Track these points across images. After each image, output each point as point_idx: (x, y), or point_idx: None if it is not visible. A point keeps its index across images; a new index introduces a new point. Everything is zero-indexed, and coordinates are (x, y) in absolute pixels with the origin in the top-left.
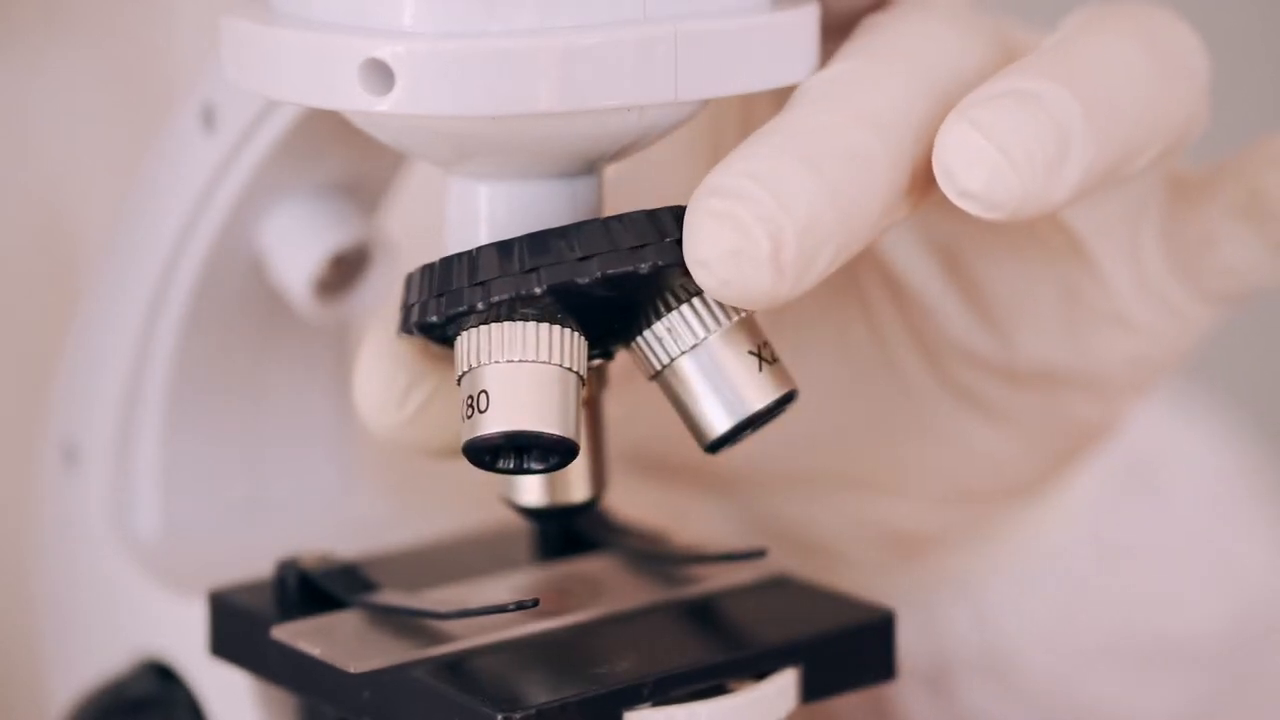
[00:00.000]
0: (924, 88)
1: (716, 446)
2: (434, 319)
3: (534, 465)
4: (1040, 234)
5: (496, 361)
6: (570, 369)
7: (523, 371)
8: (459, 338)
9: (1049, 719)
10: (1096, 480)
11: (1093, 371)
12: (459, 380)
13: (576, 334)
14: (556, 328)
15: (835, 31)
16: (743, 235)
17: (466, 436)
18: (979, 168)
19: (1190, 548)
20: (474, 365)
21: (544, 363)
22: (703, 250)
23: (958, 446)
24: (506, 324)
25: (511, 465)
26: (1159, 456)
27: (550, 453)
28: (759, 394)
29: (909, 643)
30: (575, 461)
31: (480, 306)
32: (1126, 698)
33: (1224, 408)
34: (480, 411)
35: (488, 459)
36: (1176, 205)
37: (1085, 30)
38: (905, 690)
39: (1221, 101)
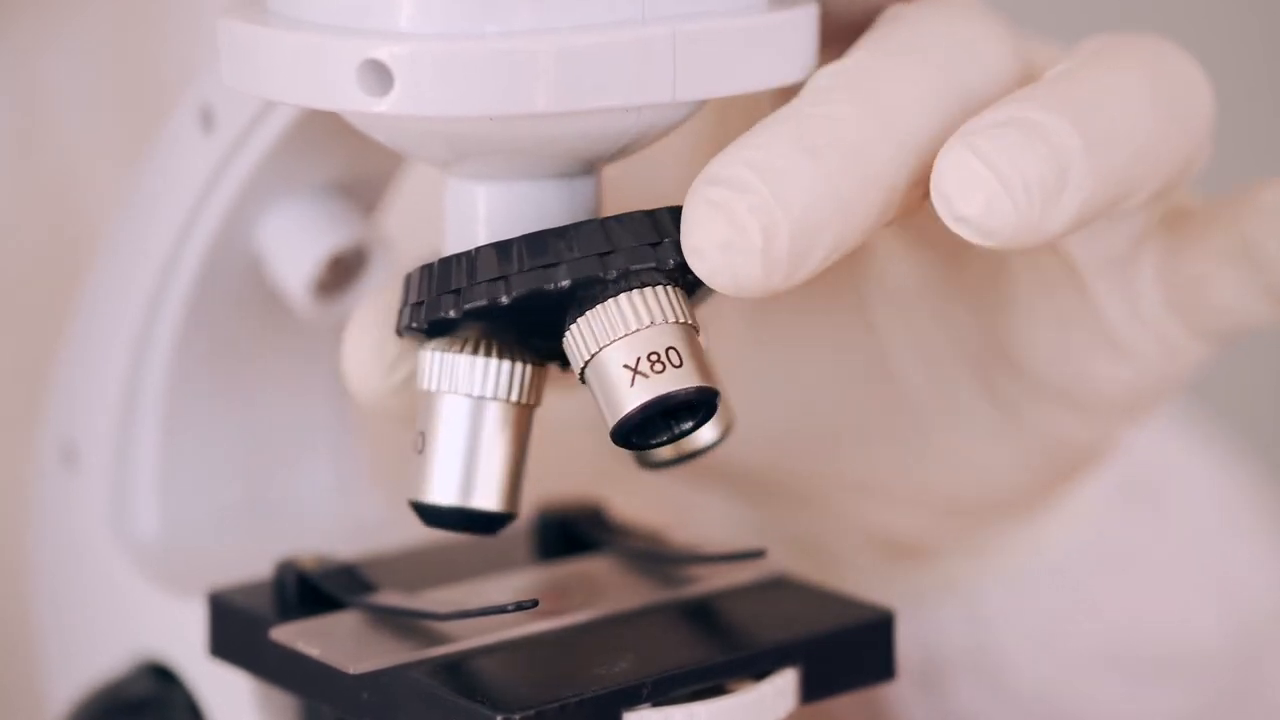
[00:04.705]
0: (937, 84)
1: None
2: (445, 314)
3: (682, 428)
4: (1038, 260)
5: (604, 345)
6: (681, 322)
7: (640, 340)
8: (565, 338)
9: None
10: (1100, 491)
11: (1086, 395)
12: (581, 376)
13: (667, 288)
14: (648, 290)
15: (848, 31)
16: (736, 227)
17: (610, 423)
18: (976, 194)
19: (1190, 561)
20: (590, 355)
21: (656, 325)
22: (697, 239)
23: (948, 458)
24: (602, 305)
25: (664, 438)
26: (1163, 471)
27: (693, 409)
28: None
29: (901, 641)
30: (490, 468)
31: (557, 285)
32: (1122, 706)
33: (1226, 426)
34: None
35: (635, 440)
36: (1174, 240)
37: (1092, 62)
38: (896, 689)
39: (1224, 105)
